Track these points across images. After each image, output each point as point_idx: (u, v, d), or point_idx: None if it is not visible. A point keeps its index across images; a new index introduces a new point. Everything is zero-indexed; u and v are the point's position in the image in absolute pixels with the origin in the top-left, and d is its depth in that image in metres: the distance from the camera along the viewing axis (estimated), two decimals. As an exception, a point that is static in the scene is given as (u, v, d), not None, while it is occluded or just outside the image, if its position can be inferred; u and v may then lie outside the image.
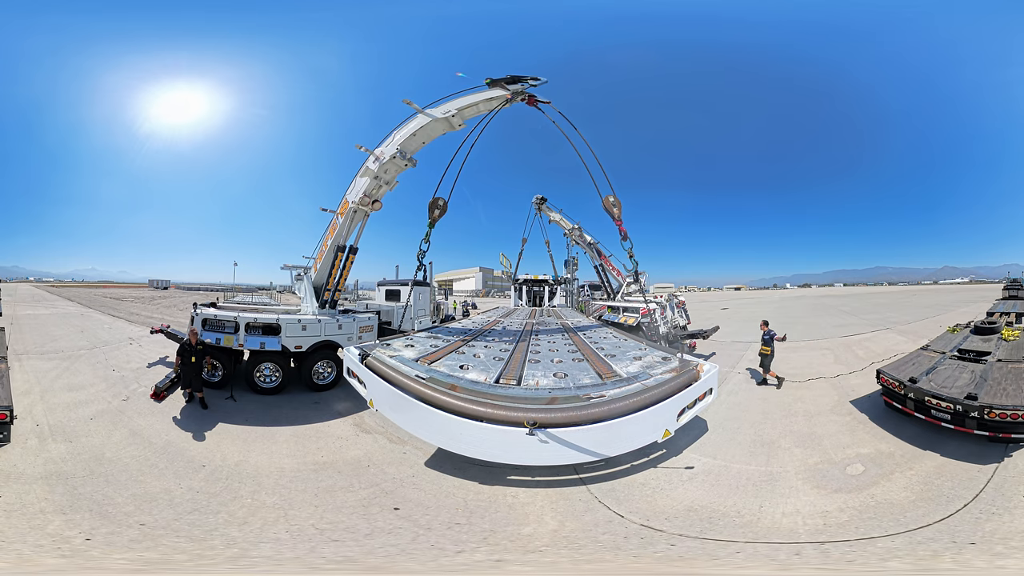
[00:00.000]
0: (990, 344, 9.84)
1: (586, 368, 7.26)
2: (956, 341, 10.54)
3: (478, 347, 9.16)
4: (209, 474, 6.20)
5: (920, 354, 9.84)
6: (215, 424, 7.98)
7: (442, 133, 9.78)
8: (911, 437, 7.25)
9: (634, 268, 8.92)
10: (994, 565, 4.28)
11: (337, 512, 5.31)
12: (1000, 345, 9.75)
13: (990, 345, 9.73)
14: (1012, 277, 40.19)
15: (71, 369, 11.36)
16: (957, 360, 8.98)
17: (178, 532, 4.79)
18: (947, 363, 8.79)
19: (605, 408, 5.35)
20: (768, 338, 11.44)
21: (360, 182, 10.31)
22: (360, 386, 6.94)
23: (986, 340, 10.34)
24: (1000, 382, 7.33)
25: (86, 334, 17.18)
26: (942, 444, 6.85)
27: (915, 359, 9.43)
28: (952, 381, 7.59)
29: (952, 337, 11.38)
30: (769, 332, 11.53)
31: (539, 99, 9.00)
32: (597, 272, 21.66)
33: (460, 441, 5.45)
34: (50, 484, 5.63)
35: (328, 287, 11.05)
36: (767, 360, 11.24)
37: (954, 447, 6.73)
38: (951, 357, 9.18)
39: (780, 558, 4.49)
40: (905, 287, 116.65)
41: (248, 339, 9.73)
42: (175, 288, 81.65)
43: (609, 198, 8.63)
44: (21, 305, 29.35)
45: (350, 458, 6.88)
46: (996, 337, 10.57)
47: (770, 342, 11.38)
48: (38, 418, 7.79)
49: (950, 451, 6.66)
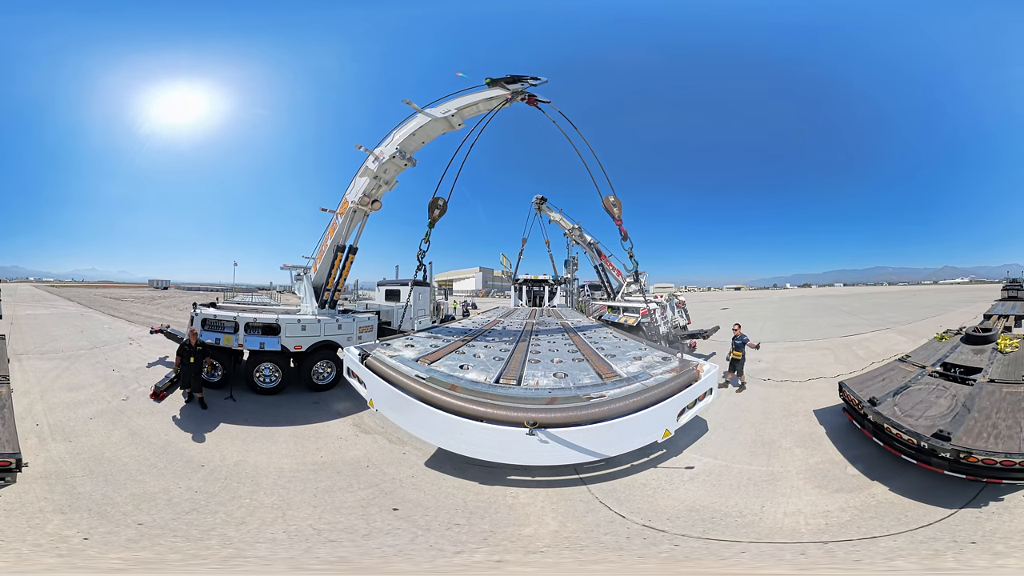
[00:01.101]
0: (982, 357, 8.48)
1: (586, 368, 7.25)
2: (942, 352, 9.16)
3: (478, 347, 9.14)
4: (208, 474, 6.18)
5: (895, 367, 8.62)
6: (214, 424, 7.97)
7: (442, 133, 9.76)
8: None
9: (634, 268, 8.90)
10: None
11: (335, 512, 5.30)
12: (994, 359, 8.35)
13: (982, 359, 8.39)
14: (1012, 277, 39.40)
15: (71, 369, 11.34)
16: (939, 378, 7.63)
17: (176, 532, 4.78)
18: (925, 381, 7.49)
19: (605, 408, 5.34)
20: (740, 343, 10.98)
21: (360, 182, 10.30)
22: (360, 386, 6.93)
23: (978, 352, 8.93)
24: (989, 414, 5.90)
25: (86, 334, 17.17)
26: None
27: (887, 373, 8.29)
28: (924, 408, 6.31)
29: (938, 346, 9.93)
30: (742, 336, 11.10)
31: (539, 99, 8.99)
32: (597, 272, 21.65)
33: (460, 441, 5.44)
34: (49, 483, 5.62)
35: (328, 287, 11.03)
36: (740, 365, 10.76)
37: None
38: (932, 374, 7.89)
39: (786, 558, 4.48)
40: (905, 287, 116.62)
41: (248, 339, 9.71)
42: (175, 288, 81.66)
43: (609, 198, 8.62)
44: (21, 305, 29.35)
45: (349, 458, 6.86)
46: (991, 348, 9.10)
47: (742, 347, 10.95)
48: (38, 418, 7.78)
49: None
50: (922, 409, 6.31)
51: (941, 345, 10.01)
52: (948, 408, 6.25)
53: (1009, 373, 7.45)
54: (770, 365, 13.25)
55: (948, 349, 9.40)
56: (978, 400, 6.39)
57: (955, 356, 8.76)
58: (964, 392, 6.80)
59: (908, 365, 8.68)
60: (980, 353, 8.85)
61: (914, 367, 8.46)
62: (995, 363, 8.08)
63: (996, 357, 8.47)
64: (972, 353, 8.89)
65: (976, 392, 6.70)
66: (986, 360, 8.31)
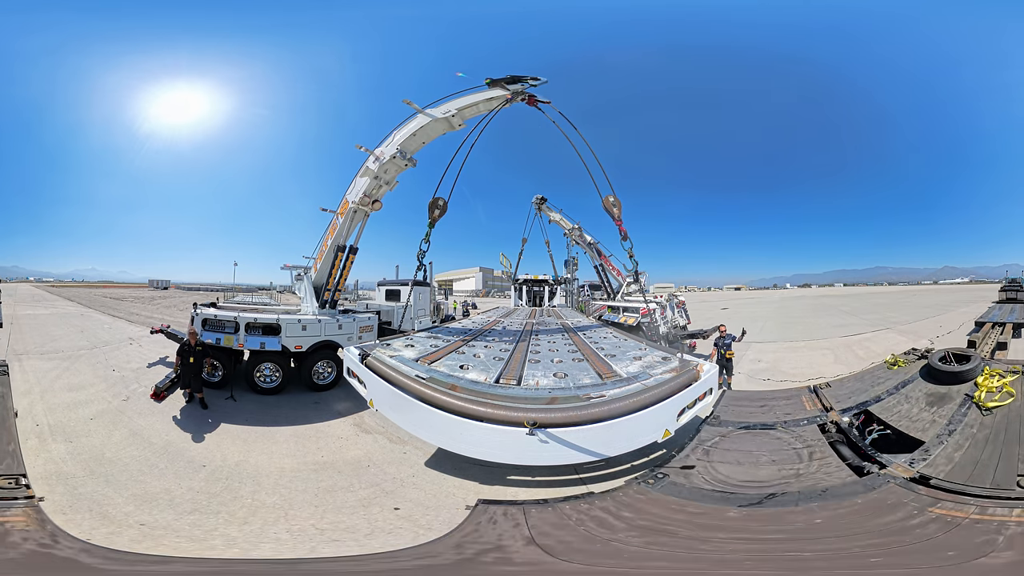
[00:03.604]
0: (938, 414, 5.05)
1: (586, 368, 7.26)
2: (877, 391, 6.02)
3: (478, 347, 9.15)
4: (209, 474, 6.19)
5: (795, 396, 6.24)
6: (215, 424, 7.98)
7: (442, 133, 9.77)
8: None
9: (634, 268, 8.92)
10: None
11: (337, 512, 5.31)
12: (968, 423, 4.78)
13: (935, 417, 5.01)
14: (1011, 277, 36.53)
15: (71, 369, 11.34)
16: (835, 433, 4.90)
17: (178, 532, 4.79)
18: (786, 431, 4.89)
19: (605, 408, 5.35)
20: (729, 342, 10.89)
21: (360, 182, 10.31)
22: (360, 386, 6.93)
23: (936, 401, 5.34)
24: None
25: (86, 334, 17.17)
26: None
27: (776, 402, 6.03)
28: (737, 464, 4.04)
29: (883, 376, 6.60)
30: (729, 335, 11.02)
31: (539, 99, 9.00)
32: (597, 272, 21.67)
33: (460, 441, 5.46)
34: (50, 484, 5.61)
35: (328, 287, 11.04)
36: (730, 364, 10.69)
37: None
38: (828, 424, 5.19)
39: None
40: (905, 287, 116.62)
41: (248, 339, 9.72)
42: (175, 288, 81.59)
43: (609, 198, 8.63)
44: (21, 305, 29.32)
45: (350, 458, 6.87)
46: (962, 396, 5.35)
47: (731, 346, 10.85)
48: (38, 418, 7.79)
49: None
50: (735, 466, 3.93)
51: (888, 376, 6.75)
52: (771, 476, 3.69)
53: (967, 468, 3.94)
54: (770, 365, 13.27)
55: (894, 385, 6.26)
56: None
57: (887, 405, 5.56)
58: (843, 476, 3.95)
59: (812, 400, 6.52)
60: (939, 403, 5.32)
61: (814, 406, 6.24)
62: (966, 430, 4.64)
63: (971, 416, 4.88)
64: (926, 402, 5.46)
65: (876, 486, 3.81)
66: (942, 422, 4.84)
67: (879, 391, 6.27)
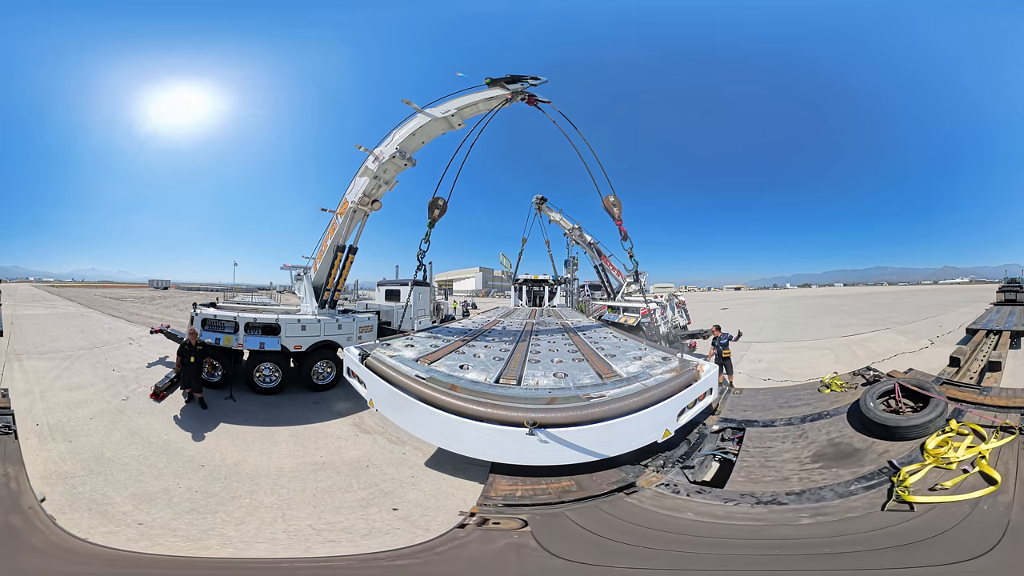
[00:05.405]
0: (829, 476, 3.77)
1: (586, 368, 7.25)
2: (777, 419, 4.65)
3: (478, 347, 9.14)
4: (208, 474, 6.19)
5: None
6: (214, 424, 7.97)
7: (442, 133, 9.76)
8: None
9: (634, 268, 8.89)
10: None
11: (335, 513, 5.30)
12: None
13: (824, 479, 3.70)
14: (1010, 277, 35.25)
15: (71, 369, 11.33)
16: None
17: (176, 532, 4.78)
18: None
19: (605, 408, 5.33)
20: (725, 341, 10.88)
21: (360, 182, 10.30)
22: (360, 386, 6.92)
23: (837, 461, 4.03)
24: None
25: (86, 334, 17.16)
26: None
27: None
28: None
29: (803, 400, 5.30)
30: (725, 335, 11.01)
31: (539, 99, 8.98)
32: (597, 272, 21.67)
33: (460, 441, 5.44)
34: (49, 483, 5.61)
35: (328, 287, 11.03)
36: (728, 363, 10.69)
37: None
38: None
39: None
40: (905, 287, 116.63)
41: (248, 339, 9.72)
42: (175, 288, 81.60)
43: (609, 198, 8.61)
44: (21, 305, 29.31)
45: (349, 458, 6.87)
46: (908, 449, 3.85)
47: (727, 345, 10.84)
48: (38, 417, 7.78)
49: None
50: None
51: (813, 399, 5.37)
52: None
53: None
54: (770, 365, 13.26)
55: (808, 414, 4.72)
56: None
57: (762, 432, 4.33)
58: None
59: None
60: (836, 463, 3.81)
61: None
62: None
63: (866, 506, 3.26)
64: (815, 451, 3.93)
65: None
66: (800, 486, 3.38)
67: (785, 414, 4.89)
